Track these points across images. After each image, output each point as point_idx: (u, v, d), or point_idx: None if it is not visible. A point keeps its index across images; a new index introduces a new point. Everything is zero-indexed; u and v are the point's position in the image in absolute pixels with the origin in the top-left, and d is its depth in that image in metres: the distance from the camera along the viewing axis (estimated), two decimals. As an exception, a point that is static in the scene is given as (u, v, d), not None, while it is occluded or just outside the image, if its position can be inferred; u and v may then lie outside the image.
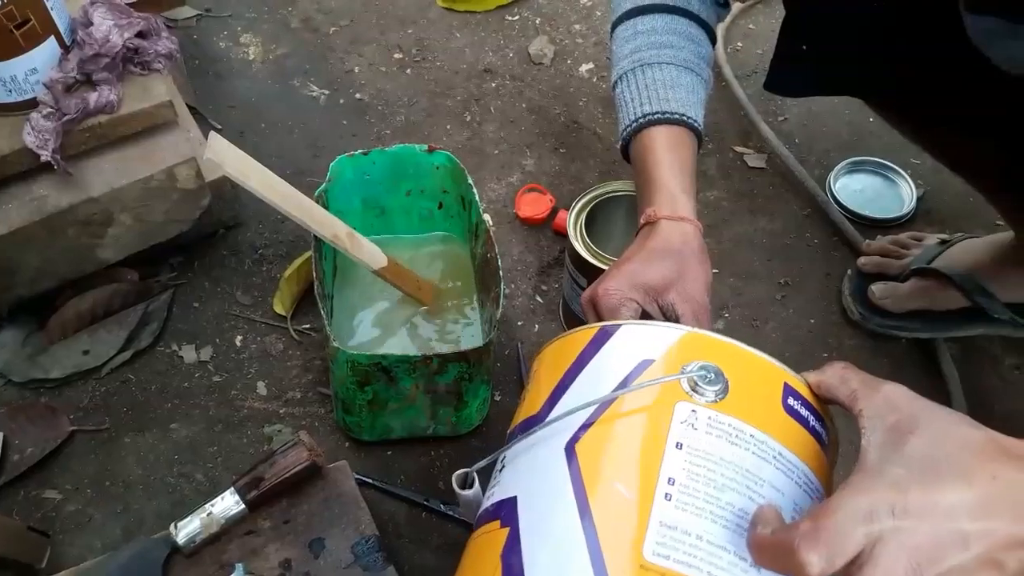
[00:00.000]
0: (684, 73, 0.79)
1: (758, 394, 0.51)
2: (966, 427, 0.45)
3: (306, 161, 1.16)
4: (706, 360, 0.51)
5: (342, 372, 0.82)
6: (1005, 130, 0.78)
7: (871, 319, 1.01)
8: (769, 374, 0.53)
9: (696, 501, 0.46)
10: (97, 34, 0.86)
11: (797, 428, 0.51)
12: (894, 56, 0.76)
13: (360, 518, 0.79)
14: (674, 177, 0.74)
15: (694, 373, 0.50)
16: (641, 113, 0.77)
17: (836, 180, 1.15)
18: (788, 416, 0.51)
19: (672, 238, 0.71)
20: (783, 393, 0.52)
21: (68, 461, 0.90)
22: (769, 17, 1.35)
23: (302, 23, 1.36)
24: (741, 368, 0.52)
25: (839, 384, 0.51)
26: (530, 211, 1.10)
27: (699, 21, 0.81)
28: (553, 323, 1.02)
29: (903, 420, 0.45)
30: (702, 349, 0.52)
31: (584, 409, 0.51)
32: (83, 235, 0.90)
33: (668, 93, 0.77)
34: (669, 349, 0.52)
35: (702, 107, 0.80)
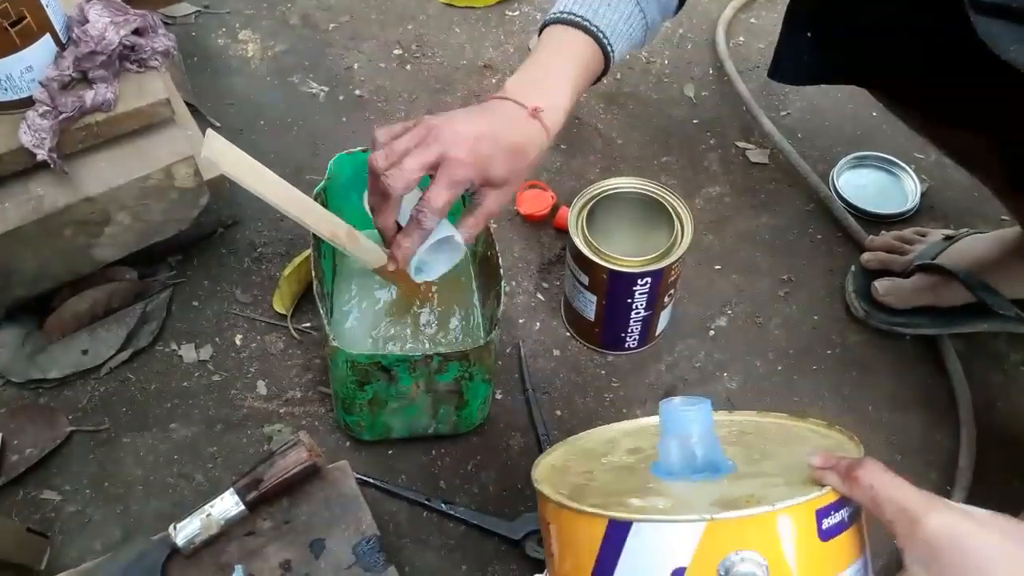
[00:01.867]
0: (628, 2, 0.79)
1: (802, 554, 0.48)
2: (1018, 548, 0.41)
3: (305, 158, 1.16)
4: (737, 548, 0.47)
5: (342, 372, 0.81)
6: (1011, 124, 0.77)
7: (875, 316, 1.00)
8: (801, 516, 0.49)
9: None
10: (93, 31, 0.86)
11: (837, 544, 0.49)
12: (900, 45, 0.76)
13: (361, 518, 0.78)
14: (552, 75, 0.76)
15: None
16: (570, 9, 0.77)
17: (839, 175, 1.14)
18: (828, 541, 0.49)
19: (523, 138, 0.74)
20: (816, 524, 0.49)
21: (67, 462, 0.89)
22: (771, 12, 1.34)
23: (301, 19, 1.35)
24: (773, 531, 0.48)
25: (872, 508, 0.47)
26: (531, 208, 1.10)
27: None
28: (554, 321, 1.02)
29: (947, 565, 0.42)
30: (729, 535, 0.48)
31: None
32: (80, 235, 0.90)
33: (602, 8, 0.77)
34: (697, 549, 0.48)
35: (628, 40, 0.80)
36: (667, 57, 1.30)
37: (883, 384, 0.97)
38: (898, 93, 0.88)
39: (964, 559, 0.41)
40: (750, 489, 0.51)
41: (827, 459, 0.49)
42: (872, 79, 0.88)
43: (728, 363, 0.98)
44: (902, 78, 0.82)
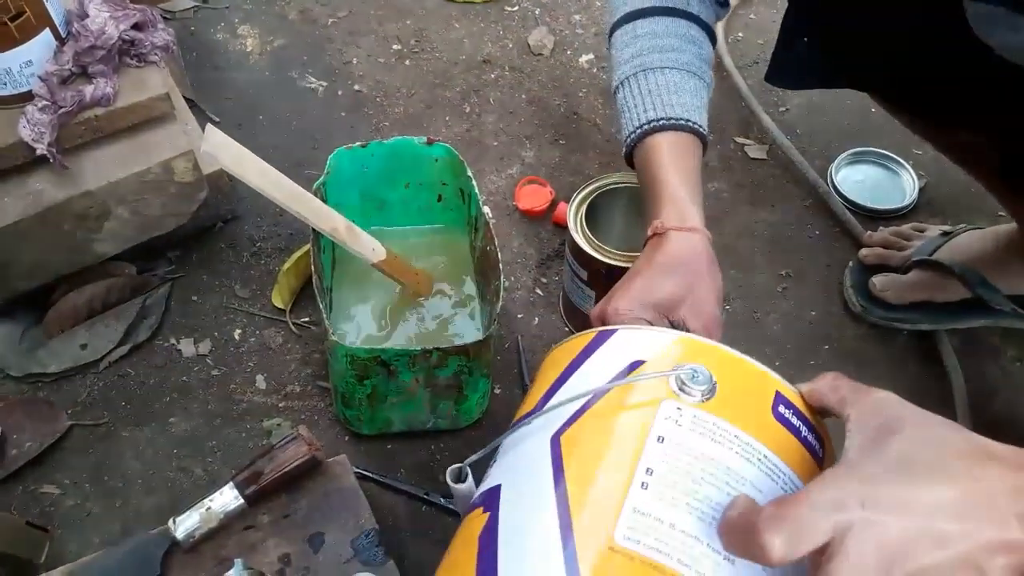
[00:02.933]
0: (687, 77, 0.78)
1: (748, 399, 0.51)
2: (951, 430, 0.44)
3: (304, 153, 1.16)
4: (698, 363, 0.51)
5: (341, 366, 0.82)
6: (1004, 121, 0.77)
7: (872, 311, 1.01)
8: (761, 382, 0.52)
9: (672, 492, 0.46)
10: (93, 26, 0.86)
11: (787, 435, 0.51)
12: (895, 49, 0.76)
13: (360, 512, 0.79)
14: (681, 186, 0.74)
15: (682, 372, 0.50)
16: (645, 120, 0.76)
17: (837, 171, 1.15)
18: (778, 423, 0.51)
19: (681, 251, 0.70)
20: (774, 401, 0.51)
21: (66, 456, 0.89)
22: (770, 7, 1.35)
23: (300, 14, 1.35)
24: (732, 373, 0.52)
25: (829, 392, 0.50)
26: (530, 203, 1.10)
27: (699, 22, 0.81)
28: (553, 315, 1.02)
29: (887, 422, 0.44)
30: (695, 353, 0.53)
31: (572, 402, 0.51)
32: (80, 229, 0.90)
33: (672, 98, 0.76)
34: (661, 351, 0.53)
35: (705, 111, 0.79)
36: (666, 53, 1.31)
37: (880, 379, 0.97)
38: (895, 95, 0.89)
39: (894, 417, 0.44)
40: None
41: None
42: (870, 83, 0.88)
43: (726, 358, 0.98)
44: (900, 81, 0.82)
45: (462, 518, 0.55)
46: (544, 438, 0.51)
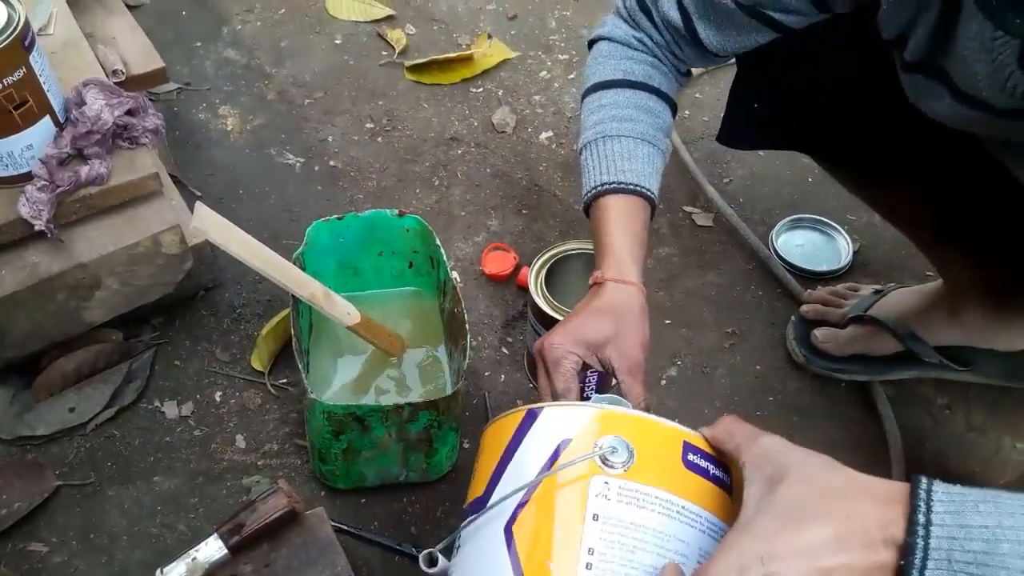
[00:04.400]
0: (641, 145, 0.84)
1: (661, 457, 0.58)
2: (830, 472, 0.50)
3: (283, 225, 1.23)
4: (616, 434, 0.57)
5: (318, 422, 0.87)
6: (938, 186, 0.86)
7: (815, 361, 1.08)
8: (669, 437, 0.59)
9: (613, 566, 0.53)
10: (90, 113, 0.93)
11: (698, 480, 0.58)
12: (838, 115, 0.83)
13: (336, 562, 0.83)
14: (624, 244, 0.81)
15: (603, 450, 0.56)
16: (600, 182, 0.83)
17: (778, 236, 1.24)
18: (689, 471, 0.58)
19: (615, 299, 0.78)
20: (683, 451, 0.58)
21: (54, 515, 0.93)
22: (714, 87, 1.46)
23: (278, 95, 1.44)
24: (645, 436, 0.58)
25: (727, 438, 0.57)
26: (495, 268, 1.18)
27: (660, 94, 0.87)
28: (518, 373, 1.09)
29: (775, 471, 0.51)
30: (613, 424, 0.59)
31: (516, 493, 0.58)
32: (71, 299, 0.96)
33: (625, 164, 0.83)
34: (584, 427, 0.59)
35: (657, 176, 0.85)
36: (619, 129, 1.40)
37: (821, 427, 1.05)
38: (835, 157, 0.96)
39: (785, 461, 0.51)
40: None
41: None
42: (810, 145, 0.96)
43: (678, 411, 1.05)
44: (839, 145, 0.90)
45: None
46: (498, 529, 0.58)
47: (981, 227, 0.91)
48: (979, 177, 0.80)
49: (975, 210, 0.88)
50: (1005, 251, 0.93)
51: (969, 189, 0.85)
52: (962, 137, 0.72)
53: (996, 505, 0.46)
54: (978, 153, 0.75)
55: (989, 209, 0.87)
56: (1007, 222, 0.86)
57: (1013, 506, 0.46)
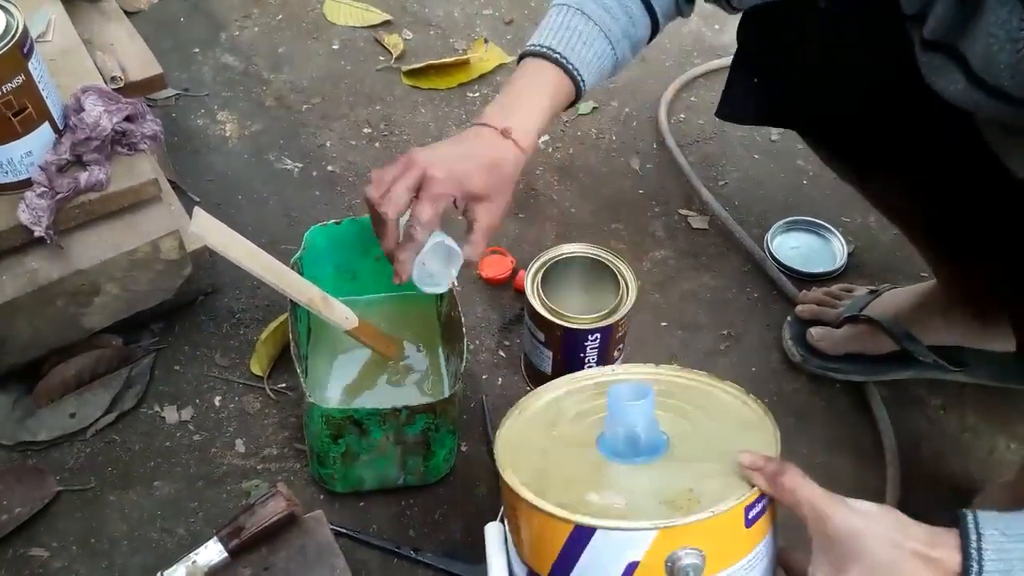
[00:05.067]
0: (602, 41, 0.85)
1: (729, 541, 0.61)
2: (891, 551, 0.56)
3: (281, 230, 1.23)
4: (684, 545, 0.59)
5: (317, 426, 0.88)
6: (926, 181, 0.86)
7: (810, 360, 1.09)
8: (732, 517, 0.60)
9: None
10: (88, 119, 0.94)
11: (759, 523, 0.62)
12: (839, 92, 0.84)
13: (335, 564, 0.84)
14: (528, 105, 0.84)
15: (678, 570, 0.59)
16: (547, 43, 0.84)
17: (773, 238, 1.25)
18: (750, 528, 0.61)
19: (497, 154, 0.82)
20: (744, 517, 0.61)
21: (55, 520, 0.94)
22: (709, 90, 1.47)
23: (276, 101, 1.45)
24: (710, 532, 0.59)
25: (795, 504, 0.60)
26: (492, 272, 1.18)
27: (648, 7, 0.87)
28: (516, 376, 1.09)
29: (841, 557, 0.57)
30: (676, 537, 0.59)
31: None
32: (71, 305, 0.96)
33: (578, 44, 0.84)
34: (650, 548, 0.59)
35: (598, 73, 0.87)
36: (615, 133, 1.41)
37: (816, 429, 1.05)
38: (829, 137, 0.96)
39: (851, 548, 0.57)
40: (689, 481, 0.62)
41: (754, 461, 0.62)
42: (807, 124, 0.96)
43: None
44: (835, 124, 0.89)
45: None
46: None
47: (961, 229, 0.92)
48: (963, 179, 0.81)
49: (956, 211, 0.89)
50: (983, 255, 0.93)
51: (953, 189, 0.85)
52: (958, 127, 0.73)
53: None
54: (968, 152, 0.76)
55: (969, 212, 0.87)
56: (985, 228, 0.87)
57: None
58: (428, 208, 0.80)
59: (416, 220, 0.80)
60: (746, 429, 0.69)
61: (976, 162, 0.75)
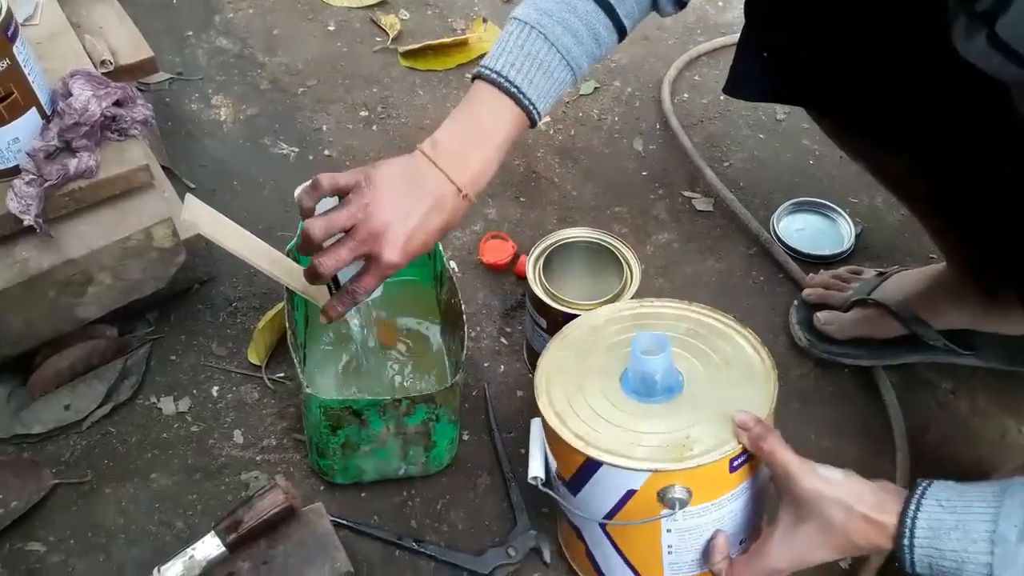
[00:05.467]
0: (563, 68, 0.82)
1: (715, 482, 0.73)
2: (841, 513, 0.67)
3: (277, 216, 1.21)
4: (673, 483, 0.71)
5: (315, 417, 0.86)
6: (935, 155, 0.84)
7: (817, 345, 1.07)
8: (719, 464, 0.72)
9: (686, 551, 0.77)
10: (76, 104, 0.91)
11: (741, 468, 0.74)
12: (847, 70, 0.82)
13: (335, 557, 0.83)
14: (480, 148, 0.81)
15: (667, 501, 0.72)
16: (504, 72, 0.81)
17: (779, 220, 1.22)
18: (733, 472, 0.73)
19: (450, 219, 0.81)
20: (728, 465, 0.72)
21: (51, 513, 0.92)
22: (713, 69, 1.44)
23: (271, 84, 1.42)
24: (699, 475, 0.71)
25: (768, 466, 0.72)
26: (493, 257, 1.16)
27: (618, 25, 0.84)
28: (518, 363, 1.07)
29: (801, 513, 0.69)
30: (667, 477, 0.71)
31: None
32: (64, 295, 0.94)
33: (537, 75, 0.81)
34: (644, 484, 0.72)
35: (554, 99, 0.85)
36: (617, 114, 1.39)
37: (824, 414, 1.04)
38: (842, 116, 0.94)
39: (810, 508, 0.68)
40: (689, 425, 0.74)
41: (744, 421, 0.72)
42: (815, 98, 0.93)
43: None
44: (849, 100, 0.87)
45: None
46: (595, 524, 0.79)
47: (973, 209, 0.90)
48: (976, 156, 0.79)
49: (968, 190, 0.87)
50: (994, 237, 0.91)
51: (965, 167, 0.83)
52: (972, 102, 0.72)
53: (965, 532, 0.62)
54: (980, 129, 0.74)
55: (981, 191, 0.85)
56: (997, 208, 0.85)
57: (978, 533, 0.61)
58: (375, 283, 0.81)
59: (361, 288, 0.81)
60: (751, 381, 0.78)
61: (990, 139, 0.74)
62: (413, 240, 0.78)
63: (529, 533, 0.92)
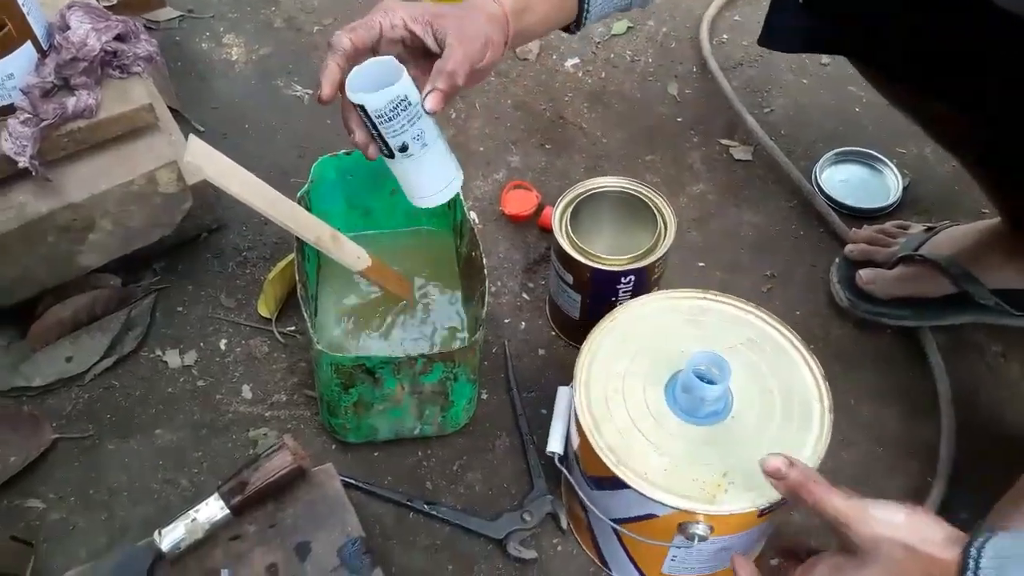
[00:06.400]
0: None
1: (740, 524, 0.69)
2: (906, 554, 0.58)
3: (291, 162, 1.16)
4: (697, 521, 0.68)
5: (326, 375, 0.82)
6: (991, 102, 0.78)
7: (859, 305, 1.01)
8: (746, 515, 0.67)
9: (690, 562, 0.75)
10: (74, 38, 0.86)
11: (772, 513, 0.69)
12: (889, 14, 0.77)
13: (346, 520, 0.79)
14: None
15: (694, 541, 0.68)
16: None
17: (822, 171, 1.15)
18: (762, 517, 0.68)
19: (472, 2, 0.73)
20: (757, 514, 0.67)
21: (51, 469, 0.89)
22: (755, 8, 1.35)
23: (285, 22, 1.35)
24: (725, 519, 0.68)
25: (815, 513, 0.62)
26: (516, 208, 1.10)
27: None
28: (540, 320, 1.02)
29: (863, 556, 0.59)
30: (692, 515, 0.67)
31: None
32: (63, 241, 0.90)
33: None
34: (668, 514, 0.68)
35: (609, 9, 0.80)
36: (651, 55, 1.31)
37: (865, 377, 0.98)
38: (882, 63, 0.89)
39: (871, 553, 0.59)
40: (727, 462, 0.69)
41: (778, 469, 0.63)
42: (854, 47, 0.88)
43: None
44: (887, 49, 0.82)
45: None
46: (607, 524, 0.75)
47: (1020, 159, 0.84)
48: None
49: (1019, 139, 0.81)
50: None
51: (1016, 115, 0.77)
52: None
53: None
54: None
55: None
56: None
57: None
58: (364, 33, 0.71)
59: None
60: (805, 419, 0.71)
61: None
62: None
63: (546, 498, 0.87)
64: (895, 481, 0.90)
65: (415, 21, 0.71)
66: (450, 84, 0.69)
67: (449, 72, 0.69)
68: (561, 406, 0.79)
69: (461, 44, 0.69)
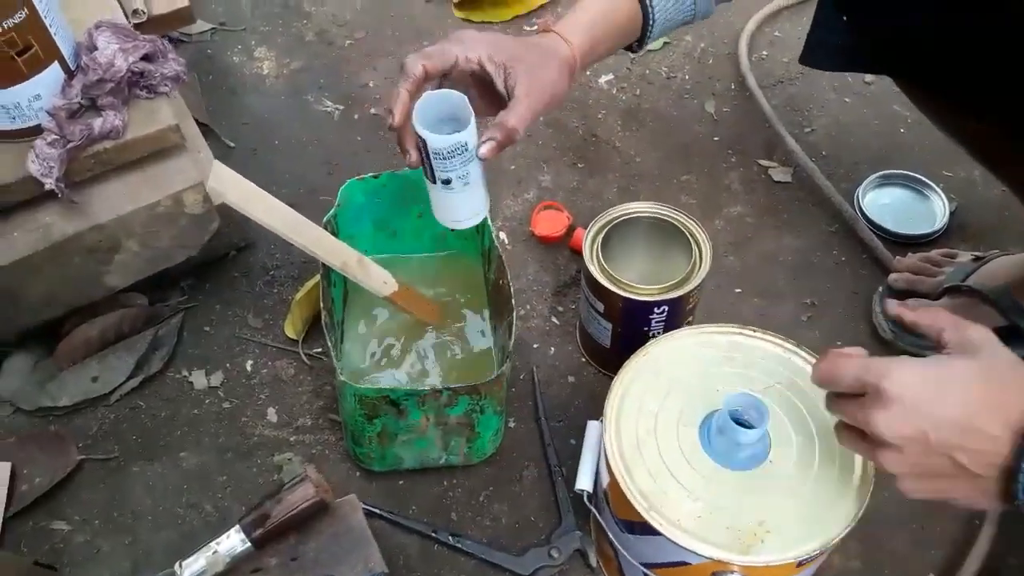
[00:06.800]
0: None
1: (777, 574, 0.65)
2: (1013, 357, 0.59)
3: (320, 179, 1.14)
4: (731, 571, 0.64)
5: (350, 405, 0.80)
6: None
7: (903, 337, 0.97)
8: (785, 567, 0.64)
9: None
10: (101, 59, 0.85)
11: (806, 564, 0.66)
12: (934, 31, 0.75)
13: (369, 554, 0.77)
14: (585, 15, 0.80)
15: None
16: None
17: (865, 195, 1.11)
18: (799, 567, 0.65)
19: (543, 42, 0.76)
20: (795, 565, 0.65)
21: (77, 491, 0.88)
22: (796, 24, 1.31)
23: (317, 36, 1.34)
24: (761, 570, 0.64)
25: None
26: (547, 229, 1.08)
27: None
28: (569, 345, 1.00)
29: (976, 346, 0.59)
30: (727, 566, 0.64)
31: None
32: (89, 262, 0.89)
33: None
34: (701, 563, 0.65)
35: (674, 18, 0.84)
36: (688, 72, 1.28)
37: (910, 414, 0.94)
38: (927, 82, 0.86)
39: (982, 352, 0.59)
40: (765, 511, 0.65)
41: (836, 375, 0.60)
42: (899, 64, 0.86)
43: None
44: (933, 67, 0.80)
45: None
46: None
47: None
48: None
49: None
50: None
51: None
52: None
53: None
54: None
55: None
56: None
57: None
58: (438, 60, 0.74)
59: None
60: (843, 461, 0.68)
61: None
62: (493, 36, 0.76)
63: (574, 534, 0.85)
64: (938, 522, 0.87)
65: (491, 61, 0.73)
66: (508, 139, 0.72)
67: (511, 128, 0.72)
68: (591, 441, 0.77)
69: (528, 96, 0.72)
